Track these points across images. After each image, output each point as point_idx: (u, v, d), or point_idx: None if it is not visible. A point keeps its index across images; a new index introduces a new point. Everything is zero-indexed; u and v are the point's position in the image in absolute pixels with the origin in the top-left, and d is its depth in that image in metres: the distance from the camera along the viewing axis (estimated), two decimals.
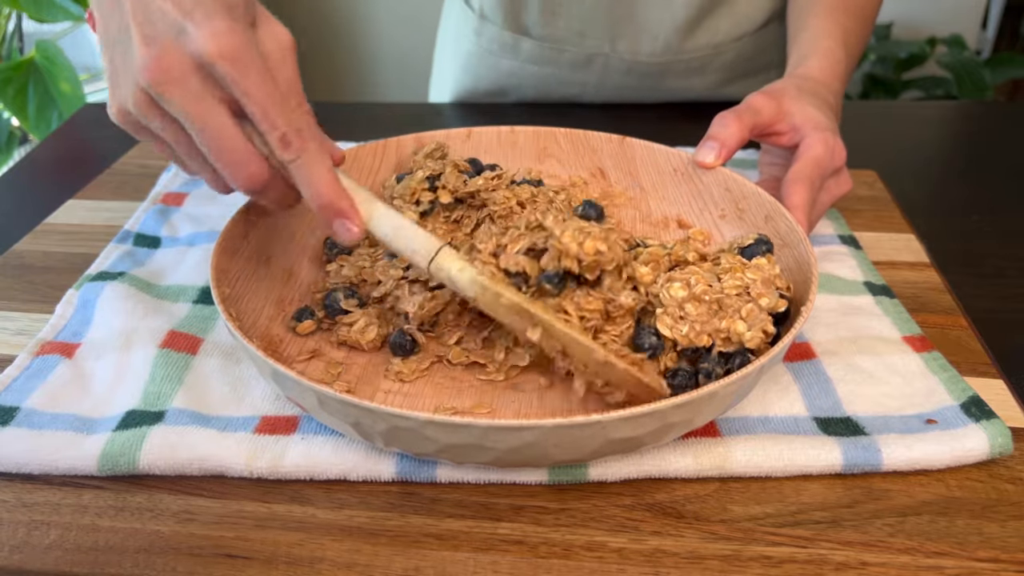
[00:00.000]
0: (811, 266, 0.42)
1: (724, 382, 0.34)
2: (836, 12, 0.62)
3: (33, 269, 0.55)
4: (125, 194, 0.65)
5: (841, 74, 0.59)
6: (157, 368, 0.43)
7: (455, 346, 0.44)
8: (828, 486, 0.38)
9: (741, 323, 0.40)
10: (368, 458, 0.39)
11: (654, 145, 0.56)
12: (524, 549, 0.35)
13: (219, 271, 0.43)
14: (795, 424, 0.41)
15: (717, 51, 0.79)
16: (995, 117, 0.85)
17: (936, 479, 0.39)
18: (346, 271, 0.47)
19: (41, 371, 0.44)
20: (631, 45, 0.78)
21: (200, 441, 0.39)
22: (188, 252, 0.55)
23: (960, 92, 1.72)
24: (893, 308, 0.49)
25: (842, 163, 0.53)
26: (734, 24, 0.78)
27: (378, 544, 0.36)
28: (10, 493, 0.38)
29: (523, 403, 0.42)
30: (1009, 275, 0.56)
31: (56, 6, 1.22)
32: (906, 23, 1.92)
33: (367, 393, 0.42)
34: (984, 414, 0.40)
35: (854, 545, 0.35)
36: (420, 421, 0.33)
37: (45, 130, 1.24)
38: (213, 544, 0.36)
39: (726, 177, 0.52)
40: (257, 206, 0.48)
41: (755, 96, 0.54)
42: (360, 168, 0.56)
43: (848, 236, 0.57)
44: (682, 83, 0.81)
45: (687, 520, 0.37)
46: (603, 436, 0.34)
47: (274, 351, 0.43)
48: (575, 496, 0.38)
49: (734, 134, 0.51)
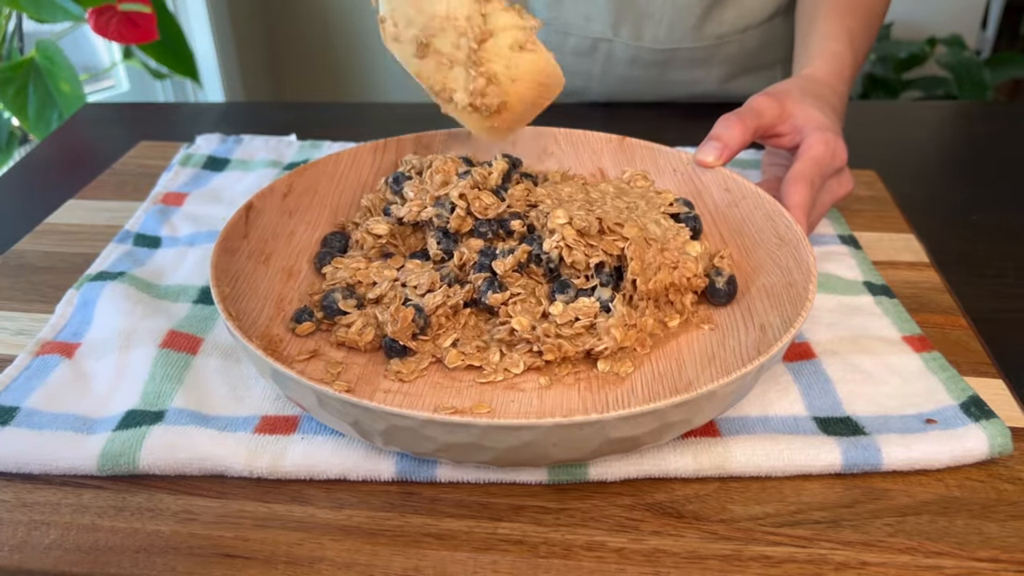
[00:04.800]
0: (810, 266, 0.42)
1: (723, 382, 0.34)
2: (843, 14, 0.63)
3: (33, 269, 0.55)
4: (125, 194, 0.65)
5: (846, 76, 0.60)
6: (157, 368, 0.43)
7: (451, 348, 0.44)
8: (828, 486, 0.38)
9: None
10: (368, 458, 0.39)
11: (654, 145, 0.56)
12: (524, 549, 0.35)
13: (219, 271, 0.43)
14: (795, 424, 0.41)
15: (721, 42, 0.79)
16: (995, 117, 0.85)
17: (936, 479, 0.39)
18: (341, 273, 0.47)
19: (41, 371, 0.44)
20: (635, 31, 0.78)
21: (200, 441, 0.39)
22: (188, 252, 0.55)
23: (960, 92, 1.72)
24: (893, 308, 0.49)
25: (843, 163, 0.53)
26: (739, 15, 0.78)
27: (378, 544, 0.36)
28: (10, 493, 0.38)
29: (523, 403, 0.42)
30: (1009, 275, 0.56)
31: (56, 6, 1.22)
32: (906, 23, 1.92)
33: (367, 392, 0.42)
34: (984, 414, 0.40)
35: (854, 545, 0.35)
36: (419, 420, 0.33)
37: (45, 130, 1.24)
38: (213, 544, 0.36)
39: (726, 177, 0.52)
40: (257, 206, 0.48)
41: (758, 98, 0.54)
42: (360, 168, 0.56)
43: (848, 236, 0.57)
44: (686, 75, 0.81)
45: (687, 520, 0.37)
46: (602, 435, 0.34)
47: (274, 351, 0.44)
48: (575, 496, 0.38)
49: (736, 136, 0.51)
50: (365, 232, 0.50)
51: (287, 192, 0.52)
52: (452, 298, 0.44)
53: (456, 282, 0.46)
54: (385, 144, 0.57)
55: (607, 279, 0.45)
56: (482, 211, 0.47)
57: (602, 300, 0.44)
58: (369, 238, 0.49)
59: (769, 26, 0.80)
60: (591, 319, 0.43)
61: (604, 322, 0.43)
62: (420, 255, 0.49)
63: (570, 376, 0.43)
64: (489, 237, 0.47)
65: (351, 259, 0.48)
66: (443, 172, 0.49)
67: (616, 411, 0.33)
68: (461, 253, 0.46)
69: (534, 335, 0.43)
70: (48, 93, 1.24)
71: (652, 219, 0.47)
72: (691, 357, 0.44)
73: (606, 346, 0.42)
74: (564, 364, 0.43)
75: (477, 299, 0.45)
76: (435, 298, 0.44)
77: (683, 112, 0.81)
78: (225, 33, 1.94)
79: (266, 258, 0.49)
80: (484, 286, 0.45)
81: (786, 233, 0.46)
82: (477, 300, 0.46)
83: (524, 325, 0.43)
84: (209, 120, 0.83)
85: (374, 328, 0.44)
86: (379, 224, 0.50)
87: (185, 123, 0.82)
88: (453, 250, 0.47)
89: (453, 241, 0.48)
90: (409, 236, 0.51)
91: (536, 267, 0.46)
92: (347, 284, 0.47)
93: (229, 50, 1.97)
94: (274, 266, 0.49)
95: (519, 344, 0.44)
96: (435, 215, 0.48)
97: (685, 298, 0.46)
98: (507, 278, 0.45)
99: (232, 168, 0.67)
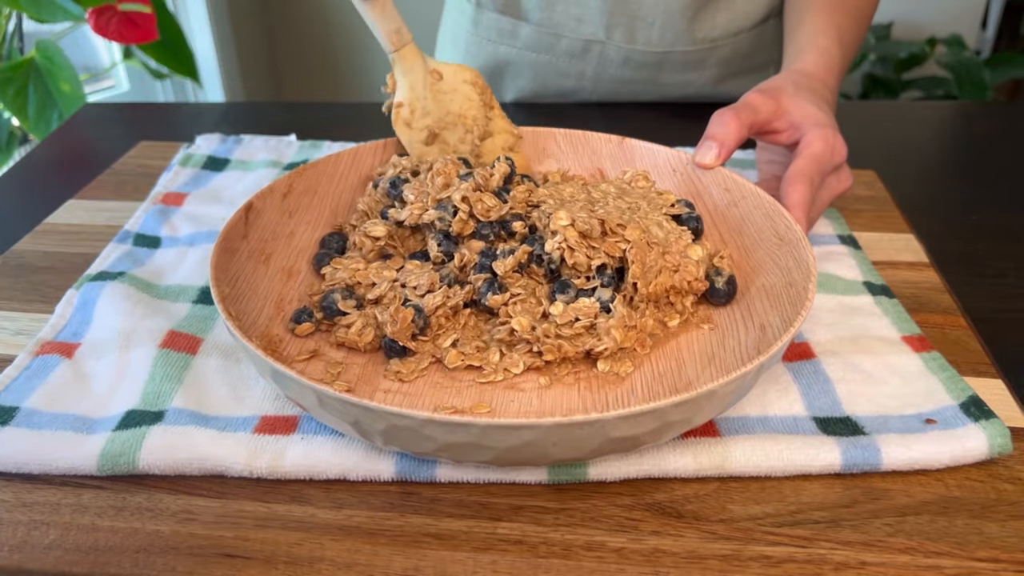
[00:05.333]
0: (810, 266, 0.42)
1: (723, 381, 0.34)
2: (831, 10, 0.63)
3: (33, 269, 0.55)
4: (125, 194, 0.65)
5: (836, 70, 0.60)
6: (157, 368, 0.43)
7: (451, 348, 0.44)
8: (827, 486, 0.38)
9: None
10: (368, 458, 0.39)
11: (654, 145, 0.56)
12: (523, 549, 0.35)
13: (219, 271, 0.43)
14: (794, 424, 0.41)
15: (714, 45, 0.79)
16: (995, 117, 0.85)
17: (935, 479, 0.39)
18: (341, 274, 0.47)
19: (41, 371, 0.44)
20: (628, 34, 0.78)
21: (200, 441, 0.39)
22: (188, 252, 0.55)
23: (960, 92, 1.72)
24: (892, 308, 0.49)
25: (842, 160, 0.53)
26: (731, 18, 0.78)
27: (378, 544, 0.36)
28: (10, 493, 0.38)
29: (523, 402, 0.42)
30: (1009, 275, 0.56)
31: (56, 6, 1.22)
32: (906, 23, 1.92)
33: (367, 392, 0.42)
34: (983, 414, 0.40)
35: (854, 545, 0.35)
36: (419, 420, 0.33)
37: (45, 130, 1.24)
38: (213, 544, 0.36)
39: (725, 177, 0.52)
40: (257, 206, 0.48)
41: (752, 94, 0.53)
42: (360, 168, 0.56)
43: (848, 236, 0.57)
44: (679, 77, 0.81)
45: (686, 520, 0.37)
46: (602, 435, 0.34)
47: (274, 351, 0.44)
48: (575, 496, 0.38)
49: (732, 132, 0.51)
50: (363, 235, 0.50)
51: (287, 192, 0.52)
52: (452, 299, 0.44)
53: (456, 283, 0.46)
54: (385, 144, 0.57)
55: (608, 280, 0.45)
56: (484, 213, 0.47)
57: (602, 301, 0.44)
58: (367, 241, 0.49)
59: (762, 29, 0.80)
60: (591, 319, 0.43)
61: (604, 323, 0.43)
62: (419, 256, 0.49)
63: (570, 376, 0.43)
64: (491, 239, 0.47)
65: (350, 260, 0.48)
66: (444, 174, 0.49)
67: (616, 410, 0.33)
68: (462, 255, 0.46)
69: (534, 335, 0.43)
70: (48, 93, 1.24)
71: (654, 221, 0.47)
72: (691, 357, 0.44)
73: (606, 346, 0.42)
74: (564, 364, 0.43)
75: (477, 300, 0.45)
76: (435, 298, 0.44)
77: (682, 112, 0.81)
78: (225, 33, 1.94)
79: (266, 258, 0.49)
80: (484, 287, 0.45)
81: (786, 233, 0.46)
82: (477, 301, 0.46)
83: (524, 325, 0.43)
84: (209, 120, 0.83)
85: (373, 328, 0.44)
86: (377, 227, 0.50)
87: (185, 123, 0.82)
88: (454, 252, 0.47)
89: (454, 243, 0.48)
90: (408, 238, 0.51)
91: (537, 267, 0.46)
92: (346, 285, 0.47)
93: (229, 50, 1.97)
94: (274, 266, 0.49)
95: (519, 344, 0.44)
96: (437, 218, 0.48)
97: (685, 299, 0.46)
98: (507, 279, 0.45)
99: (232, 168, 0.68)
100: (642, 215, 0.48)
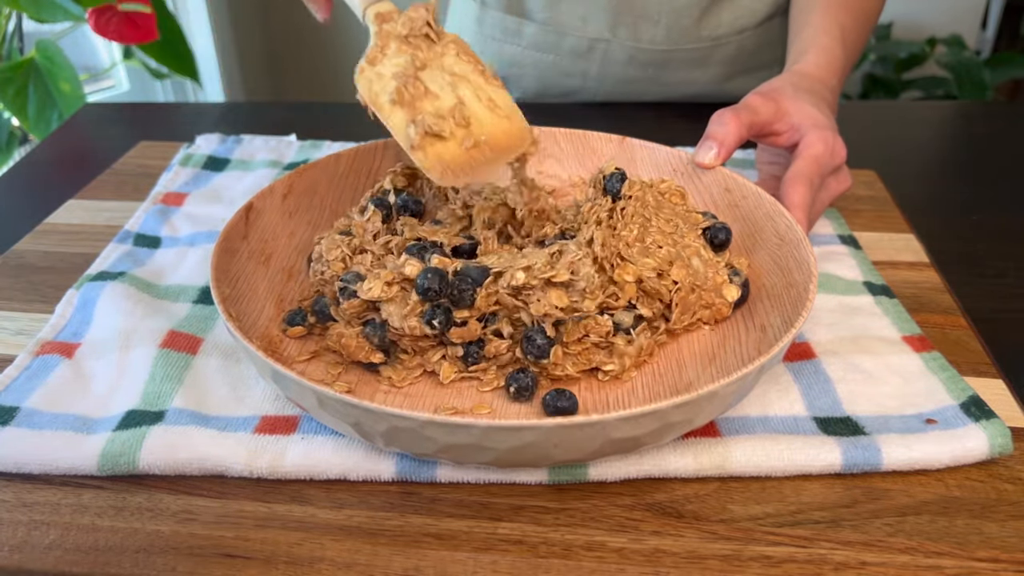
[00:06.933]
0: (811, 266, 0.42)
1: (724, 382, 0.34)
2: (836, 10, 0.63)
3: (33, 269, 0.55)
4: (125, 194, 0.65)
5: (838, 71, 0.60)
6: (157, 368, 0.43)
7: (443, 362, 0.43)
8: (828, 486, 0.38)
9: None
10: (368, 458, 0.39)
11: (654, 145, 0.56)
12: (524, 549, 0.35)
13: (219, 271, 0.43)
14: (795, 424, 0.41)
15: (718, 43, 0.79)
16: (995, 117, 0.85)
17: (936, 479, 0.39)
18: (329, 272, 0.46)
19: (41, 371, 0.44)
20: (633, 32, 0.78)
21: (200, 441, 0.39)
22: (188, 252, 0.55)
23: (960, 92, 1.72)
24: (893, 308, 0.49)
25: (842, 161, 0.53)
26: (735, 16, 0.78)
27: (378, 544, 0.36)
28: (10, 493, 0.38)
29: (523, 403, 0.42)
30: (1009, 275, 0.56)
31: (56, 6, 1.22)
32: (906, 23, 1.92)
33: (367, 393, 0.42)
34: (984, 414, 0.40)
35: (854, 545, 0.35)
36: (420, 421, 0.33)
37: (45, 130, 1.24)
38: (213, 544, 0.36)
39: (726, 177, 0.52)
40: (257, 206, 0.48)
41: (752, 96, 0.54)
42: (360, 168, 0.56)
43: (848, 236, 0.57)
44: (683, 75, 0.81)
45: (687, 520, 0.37)
46: (603, 436, 0.34)
47: (274, 351, 0.43)
48: (575, 496, 0.38)
49: (732, 132, 0.51)
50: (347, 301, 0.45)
51: (287, 192, 0.52)
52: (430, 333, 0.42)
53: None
54: (385, 144, 0.57)
55: (630, 304, 0.44)
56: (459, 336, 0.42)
57: (619, 323, 0.43)
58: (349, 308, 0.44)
59: (767, 27, 0.80)
60: (602, 338, 0.43)
61: (621, 345, 0.42)
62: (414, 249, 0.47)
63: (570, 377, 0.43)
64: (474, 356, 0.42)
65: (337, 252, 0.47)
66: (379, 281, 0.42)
67: (617, 411, 0.33)
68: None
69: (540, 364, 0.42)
70: (48, 93, 1.24)
71: (694, 249, 0.46)
72: (691, 357, 0.44)
73: (613, 368, 0.42)
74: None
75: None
76: (410, 323, 0.42)
77: (683, 111, 0.81)
78: (225, 33, 1.94)
79: (266, 259, 0.49)
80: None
81: (786, 233, 0.46)
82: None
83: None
84: (209, 120, 0.83)
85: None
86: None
87: (185, 123, 0.82)
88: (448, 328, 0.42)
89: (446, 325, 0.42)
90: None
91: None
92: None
93: (229, 50, 1.97)
94: (274, 267, 0.49)
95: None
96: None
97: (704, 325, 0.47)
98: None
99: (232, 168, 0.67)
100: (683, 245, 0.46)
